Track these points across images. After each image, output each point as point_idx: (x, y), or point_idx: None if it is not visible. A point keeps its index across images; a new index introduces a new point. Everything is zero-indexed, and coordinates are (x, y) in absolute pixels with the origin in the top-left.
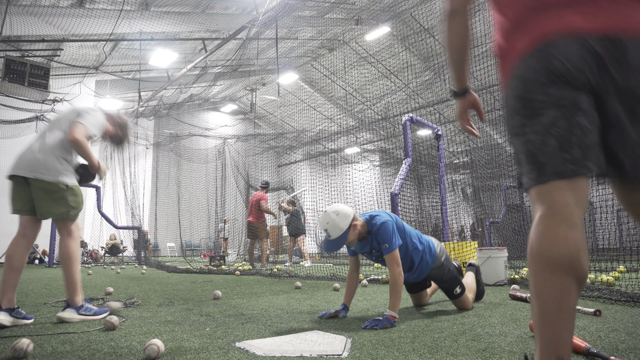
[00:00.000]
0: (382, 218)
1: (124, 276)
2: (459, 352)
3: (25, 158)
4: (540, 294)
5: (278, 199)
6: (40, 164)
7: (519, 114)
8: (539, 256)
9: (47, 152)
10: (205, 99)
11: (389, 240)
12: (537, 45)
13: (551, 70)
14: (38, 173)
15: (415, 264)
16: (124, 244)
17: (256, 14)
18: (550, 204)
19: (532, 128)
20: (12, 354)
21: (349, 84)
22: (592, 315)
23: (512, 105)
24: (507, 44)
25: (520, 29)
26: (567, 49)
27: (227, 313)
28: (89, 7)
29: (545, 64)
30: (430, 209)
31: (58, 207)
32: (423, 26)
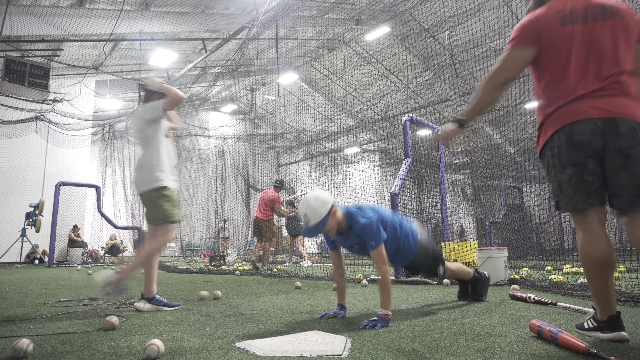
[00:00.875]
0: (366, 215)
1: None
2: (459, 352)
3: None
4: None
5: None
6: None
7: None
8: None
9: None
10: (205, 99)
11: (374, 237)
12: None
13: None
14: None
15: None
16: (124, 244)
17: (256, 14)
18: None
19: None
20: (12, 354)
21: (349, 84)
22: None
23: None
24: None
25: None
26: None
27: (227, 313)
28: (89, 7)
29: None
30: (430, 209)
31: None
32: (423, 26)
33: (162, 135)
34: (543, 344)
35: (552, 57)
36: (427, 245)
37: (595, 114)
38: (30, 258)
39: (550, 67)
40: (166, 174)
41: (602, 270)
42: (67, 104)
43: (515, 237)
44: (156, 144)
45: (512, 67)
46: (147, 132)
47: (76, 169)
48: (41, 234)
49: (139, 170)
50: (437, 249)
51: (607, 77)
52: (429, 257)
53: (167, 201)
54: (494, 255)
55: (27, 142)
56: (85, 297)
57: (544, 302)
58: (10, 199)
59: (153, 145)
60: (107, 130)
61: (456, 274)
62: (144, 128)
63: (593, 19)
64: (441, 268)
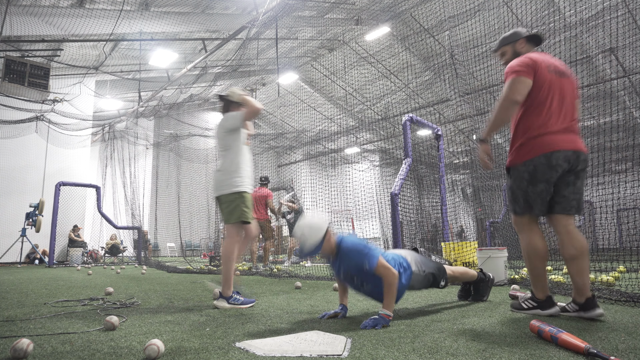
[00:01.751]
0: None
1: (124, 276)
2: (459, 352)
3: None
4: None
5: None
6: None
7: (525, 180)
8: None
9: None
10: (205, 99)
11: (365, 258)
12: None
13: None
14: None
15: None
16: (124, 244)
17: (256, 14)
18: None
19: (532, 189)
20: (12, 354)
21: (349, 84)
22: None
23: (523, 174)
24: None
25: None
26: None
27: (227, 313)
28: (89, 7)
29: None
30: (430, 209)
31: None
32: (423, 26)
33: (241, 143)
34: (543, 344)
35: (537, 93)
36: (421, 272)
37: (566, 146)
38: (30, 258)
39: (534, 100)
40: (244, 179)
41: (543, 260)
42: (67, 104)
43: (515, 237)
44: (235, 151)
45: (521, 91)
46: (228, 140)
47: (76, 169)
48: (41, 234)
49: (219, 174)
50: (434, 267)
51: (571, 120)
52: (427, 280)
53: (243, 203)
54: (494, 255)
55: (27, 142)
56: (85, 297)
57: None
58: (10, 199)
59: (232, 152)
60: (107, 130)
61: (460, 279)
62: (224, 136)
63: (562, 75)
64: (443, 282)
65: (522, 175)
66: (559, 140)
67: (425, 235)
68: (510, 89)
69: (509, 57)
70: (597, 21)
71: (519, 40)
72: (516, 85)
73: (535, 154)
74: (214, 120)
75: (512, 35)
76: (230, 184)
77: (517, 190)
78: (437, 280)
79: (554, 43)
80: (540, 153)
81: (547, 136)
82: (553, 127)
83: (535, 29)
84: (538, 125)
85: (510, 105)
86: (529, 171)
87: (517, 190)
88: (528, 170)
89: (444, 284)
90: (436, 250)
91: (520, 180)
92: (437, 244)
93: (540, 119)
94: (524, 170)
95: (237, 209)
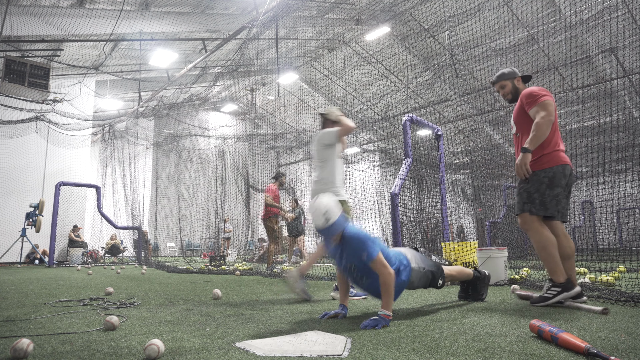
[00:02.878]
0: (351, 229)
1: (124, 276)
2: (459, 352)
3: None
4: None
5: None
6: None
7: (545, 184)
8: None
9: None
10: (205, 99)
11: (366, 248)
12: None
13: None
14: None
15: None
16: (124, 244)
17: (256, 14)
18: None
19: (549, 192)
20: (12, 354)
21: (349, 84)
22: (600, 314)
23: (543, 180)
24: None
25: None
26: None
27: (227, 313)
28: (89, 7)
29: (563, 171)
30: (430, 209)
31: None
32: (423, 26)
33: (336, 157)
34: (543, 344)
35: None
36: (420, 269)
37: (570, 163)
38: (30, 258)
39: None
40: (339, 188)
41: (557, 248)
42: (67, 104)
43: (515, 237)
44: (332, 164)
45: (553, 112)
46: (325, 153)
47: (76, 169)
48: (41, 234)
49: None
50: (433, 265)
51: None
52: (427, 278)
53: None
54: (494, 255)
55: (27, 142)
56: (85, 297)
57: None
58: (10, 199)
59: (330, 164)
60: (107, 130)
61: (457, 278)
62: (322, 150)
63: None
64: (441, 281)
65: (543, 180)
66: (566, 158)
67: (425, 235)
68: (548, 110)
69: (509, 90)
70: (597, 21)
71: (517, 77)
72: (550, 107)
73: (556, 164)
74: (214, 120)
75: (510, 72)
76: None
77: (535, 192)
78: (435, 278)
79: (554, 43)
80: (559, 164)
81: (561, 152)
82: (562, 146)
83: (535, 29)
84: (555, 142)
85: (550, 122)
86: (549, 177)
87: (534, 193)
88: (548, 176)
89: (441, 283)
90: (436, 250)
91: (540, 184)
92: (437, 244)
93: (555, 137)
94: (544, 176)
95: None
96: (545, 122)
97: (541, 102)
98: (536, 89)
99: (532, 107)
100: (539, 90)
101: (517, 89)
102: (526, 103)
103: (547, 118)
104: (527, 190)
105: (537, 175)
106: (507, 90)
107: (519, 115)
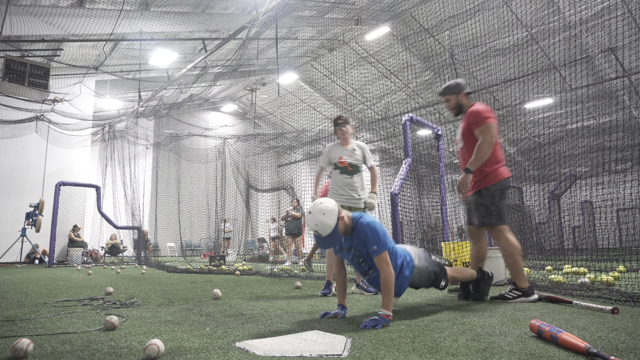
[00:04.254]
0: (369, 218)
1: (124, 276)
2: (459, 352)
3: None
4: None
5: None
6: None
7: (497, 197)
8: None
9: None
10: (205, 99)
11: (377, 241)
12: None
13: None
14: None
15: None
16: (124, 244)
17: (256, 14)
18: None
19: (502, 203)
20: (12, 354)
21: (349, 84)
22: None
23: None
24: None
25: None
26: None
27: (227, 313)
28: (89, 7)
29: (507, 183)
30: (430, 209)
31: None
32: (423, 26)
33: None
34: (543, 344)
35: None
36: (423, 267)
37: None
38: (30, 258)
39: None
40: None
41: (520, 256)
42: (67, 104)
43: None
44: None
45: (496, 134)
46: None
47: (76, 169)
48: (41, 234)
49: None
50: (437, 266)
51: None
52: (429, 277)
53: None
54: (494, 255)
55: (27, 142)
56: (85, 297)
57: (559, 300)
58: (10, 199)
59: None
60: (107, 130)
61: (459, 279)
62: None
63: None
64: (443, 282)
65: (495, 193)
66: (508, 171)
67: (425, 235)
68: (491, 133)
69: (452, 105)
70: (597, 21)
71: (462, 92)
72: (493, 130)
73: (502, 178)
74: (214, 120)
75: (456, 87)
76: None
77: (492, 206)
78: (438, 279)
79: (554, 43)
80: (504, 177)
81: (504, 166)
82: (503, 160)
83: (535, 29)
84: (497, 159)
85: (492, 145)
86: (499, 189)
87: (491, 206)
88: (499, 189)
89: (444, 284)
90: (436, 250)
91: (493, 197)
92: (437, 244)
93: (497, 154)
94: (496, 189)
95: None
96: (487, 145)
97: (485, 125)
98: (482, 108)
99: (477, 128)
100: (485, 110)
101: (461, 104)
102: (473, 122)
103: (489, 141)
104: (484, 204)
105: (489, 190)
106: (451, 105)
107: (465, 132)
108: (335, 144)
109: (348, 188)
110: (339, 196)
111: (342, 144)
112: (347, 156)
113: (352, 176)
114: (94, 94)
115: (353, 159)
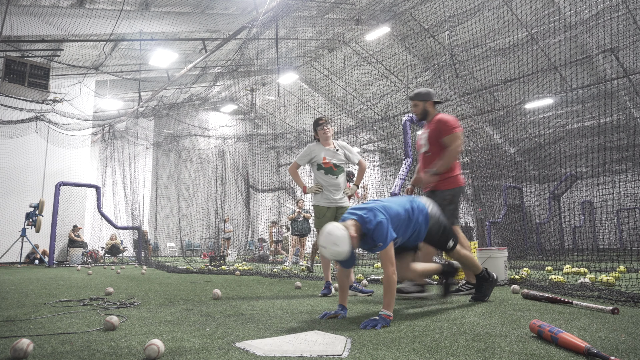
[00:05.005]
0: (377, 218)
1: (124, 276)
2: (459, 352)
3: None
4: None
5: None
6: None
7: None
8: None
9: None
10: (205, 99)
11: (383, 239)
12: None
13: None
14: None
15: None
16: (124, 244)
17: (256, 14)
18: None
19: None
20: (12, 354)
21: (349, 84)
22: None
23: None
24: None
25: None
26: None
27: (227, 313)
28: (89, 7)
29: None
30: None
31: None
32: (423, 26)
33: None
34: (543, 344)
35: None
36: (437, 218)
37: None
38: (30, 258)
39: None
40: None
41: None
42: (67, 104)
43: (515, 237)
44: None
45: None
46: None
47: (76, 169)
48: (41, 234)
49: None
50: (448, 223)
51: None
52: (440, 229)
53: None
54: (494, 255)
55: (27, 142)
56: (85, 297)
57: (559, 301)
58: (10, 199)
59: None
60: (107, 130)
61: (464, 260)
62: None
63: None
64: (451, 242)
65: (457, 194)
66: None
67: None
68: (460, 141)
69: (419, 111)
70: (597, 21)
71: (430, 100)
72: (461, 139)
73: (460, 185)
74: (214, 120)
75: (425, 95)
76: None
77: (455, 209)
78: (447, 235)
79: (554, 43)
80: (459, 185)
81: (461, 175)
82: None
83: (535, 29)
84: (458, 166)
85: (459, 153)
86: (452, 194)
87: (454, 210)
88: (459, 193)
89: (452, 244)
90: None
91: (457, 199)
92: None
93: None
94: (458, 192)
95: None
96: (456, 152)
97: (455, 133)
98: (451, 119)
99: (447, 136)
100: (454, 121)
101: (427, 111)
102: (443, 130)
103: (458, 149)
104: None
105: (454, 192)
106: (417, 110)
107: (433, 138)
108: (316, 143)
109: (334, 189)
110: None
111: (323, 144)
112: (330, 157)
113: (337, 176)
114: (94, 94)
115: (337, 160)
